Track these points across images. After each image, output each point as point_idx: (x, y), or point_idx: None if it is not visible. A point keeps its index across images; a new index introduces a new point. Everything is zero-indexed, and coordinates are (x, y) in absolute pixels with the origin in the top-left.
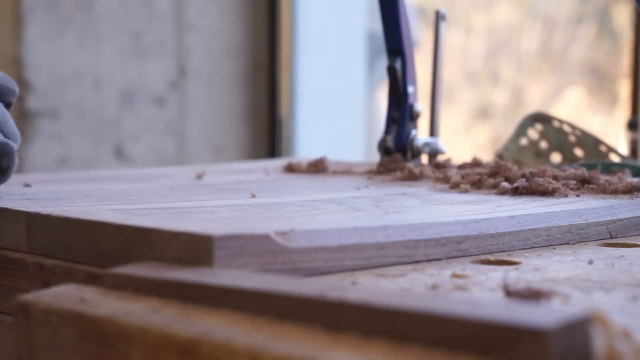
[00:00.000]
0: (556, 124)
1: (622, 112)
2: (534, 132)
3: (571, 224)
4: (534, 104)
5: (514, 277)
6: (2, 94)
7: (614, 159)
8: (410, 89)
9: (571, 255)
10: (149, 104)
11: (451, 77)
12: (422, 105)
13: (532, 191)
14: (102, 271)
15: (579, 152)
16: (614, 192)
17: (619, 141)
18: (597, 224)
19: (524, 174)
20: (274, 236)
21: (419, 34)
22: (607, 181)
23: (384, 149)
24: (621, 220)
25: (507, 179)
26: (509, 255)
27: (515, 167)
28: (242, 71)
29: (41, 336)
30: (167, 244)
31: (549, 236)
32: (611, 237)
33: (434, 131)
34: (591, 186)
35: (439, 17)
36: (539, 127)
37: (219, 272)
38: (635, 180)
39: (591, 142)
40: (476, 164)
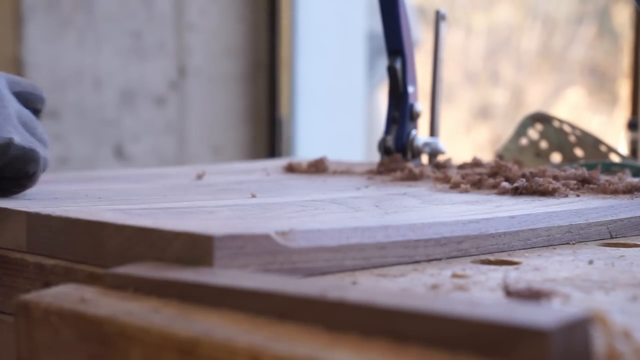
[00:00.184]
0: (556, 124)
1: (622, 112)
2: (534, 132)
3: (571, 224)
4: (534, 104)
5: (514, 277)
6: (30, 101)
7: (614, 159)
8: (410, 89)
9: (571, 255)
10: (149, 104)
11: (451, 77)
12: (422, 105)
13: (532, 191)
14: (102, 271)
15: (579, 152)
16: (614, 192)
17: (619, 141)
18: (597, 224)
19: (524, 174)
20: (274, 236)
21: (419, 34)
22: (607, 181)
23: (384, 149)
24: (621, 220)
25: (507, 179)
26: (509, 255)
27: (515, 167)
28: (242, 71)
29: (41, 336)
30: (167, 243)
31: (549, 236)
32: (611, 237)
33: (434, 131)
34: (591, 186)
35: (439, 17)
36: (539, 127)
37: (219, 272)
38: (635, 180)
39: (591, 142)
40: (476, 164)
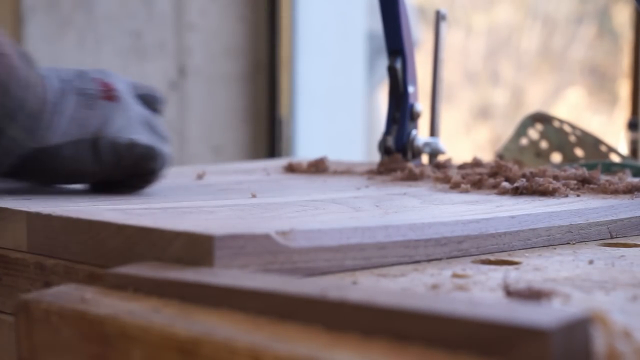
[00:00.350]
0: (556, 124)
1: (622, 112)
2: (534, 132)
3: (571, 224)
4: (534, 104)
5: (515, 277)
6: (150, 103)
7: (614, 159)
8: (410, 89)
9: (571, 255)
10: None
11: (451, 77)
12: (422, 105)
13: (532, 191)
14: (102, 271)
15: (579, 152)
16: (615, 192)
17: (619, 141)
18: (597, 224)
19: (524, 174)
20: (274, 236)
21: (419, 34)
22: (607, 181)
23: (384, 149)
24: (621, 220)
25: (507, 179)
26: (510, 255)
27: (515, 167)
28: (242, 71)
29: (42, 336)
30: (168, 243)
31: (549, 236)
32: (611, 237)
33: (434, 131)
34: (591, 186)
35: (439, 17)
36: (540, 127)
37: (220, 272)
38: (635, 180)
39: (591, 142)
40: (476, 164)
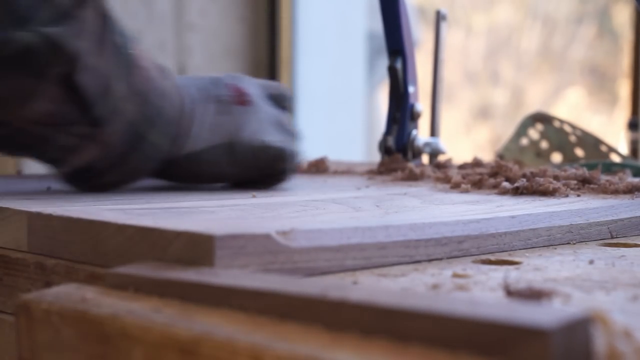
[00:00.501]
0: (557, 124)
1: (622, 112)
2: (534, 132)
3: (572, 224)
4: (534, 104)
5: (515, 276)
6: (279, 101)
7: (615, 159)
8: (410, 89)
9: (572, 255)
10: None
11: (451, 77)
12: (422, 105)
13: (532, 191)
14: (103, 271)
15: (579, 152)
16: (615, 192)
17: (619, 141)
18: (597, 224)
19: (524, 174)
20: (275, 236)
21: (419, 34)
22: (607, 181)
23: (384, 149)
24: (622, 220)
25: (507, 179)
26: (510, 255)
27: (516, 167)
28: (242, 71)
29: (42, 336)
30: (168, 243)
31: (549, 236)
32: (612, 237)
33: (434, 131)
34: (592, 186)
35: (439, 17)
36: (540, 127)
37: (220, 272)
38: (635, 180)
39: (592, 142)
40: (477, 164)
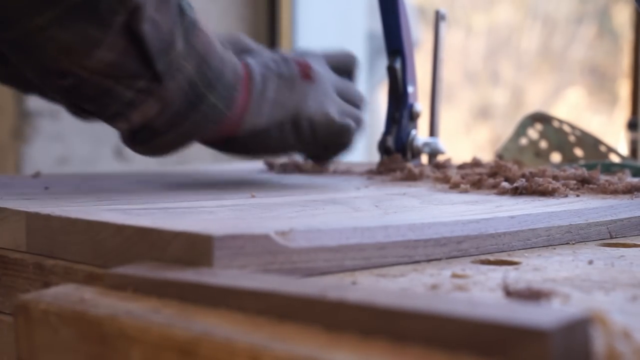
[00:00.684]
0: (556, 124)
1: (622, 112)
2: (533, 132)
3: (571, 224)
4: (534, 104)
5: (514, 277)
6: (344, 68)
7: (614, 159)
8: (410, 89)
9: (571, 255)
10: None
11: (451, 77)
12: (422, 105)
13: (532, 191)
14: (102, 271)
15: (579, 152)
16: (614, 192)
17: (618, 141)
18: (597, 224)
19: (523, 174)
20: (274, 236)
21: (419, 34)
22: (607, 181)
23: (384, 149)
24: (621, 220)
25: (507, 179)
26: (509, 255)
27: (515, 167)
28: None
29: (41, 336)
30: (167, 244)
31: (548, 236)
32: (611, 237)
33: (433, 131)
34: (591, 186)
35: (439, 17)
36: (539, 127)
37: (219, 272)
38: (635, 180)
39: (591, 142)
40: (476, 164)
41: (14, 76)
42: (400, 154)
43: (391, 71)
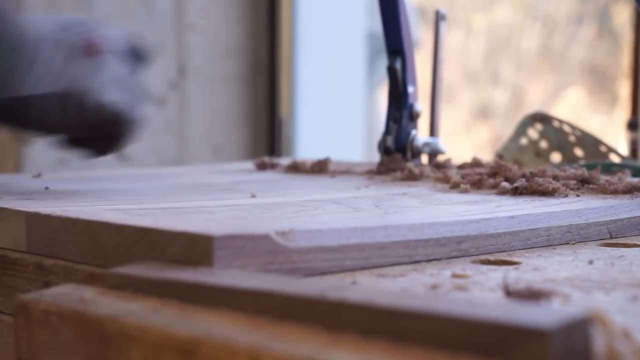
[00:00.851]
0: (556, 124)
1: (622, 112)
2: (534, 132)
3: (571, 224)
4: (534, 104)
5: (514, 277)
6: (139, 56)
7: (614, 159)
8: (410, 89)
9: (571, 255)
10: (149, 104)
11: (451, 77)
12: (422, 105)
13: (532, 191)
14: (102, 271)
15: (579, 152)
16: (614, 192)
17: (619, 141)
18: (597, 224)
19: (524, 174)
20: (274, 236)
21: (419, 34)
22: (607, 181)
23: (384, 149)
24: (621, 220)
25: (507, 179)
26: (509, 255)
27: (515, 167)
28: (242, 71)
29: (41, 336)
30: (167, 244)
31: (549, 236)
32: (611, 237)
33: (434, 131)
34: (591, 186)
35: (439, 17)
36: (539, 127)
37: (219, 272)
38: (635, 180)
39: (591, 142)
40: (476, 164)
41: None
42: (400, 154)
43: (391, 71)
